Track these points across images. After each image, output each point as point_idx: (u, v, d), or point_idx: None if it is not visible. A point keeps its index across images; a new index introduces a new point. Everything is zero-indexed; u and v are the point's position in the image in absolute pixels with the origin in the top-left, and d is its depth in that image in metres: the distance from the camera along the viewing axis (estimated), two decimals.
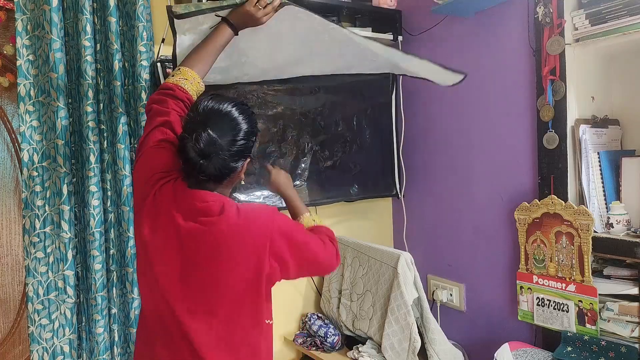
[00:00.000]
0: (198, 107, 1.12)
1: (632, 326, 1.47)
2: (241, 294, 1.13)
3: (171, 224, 1.11)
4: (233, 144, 1.10)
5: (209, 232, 1.10)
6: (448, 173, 2.10)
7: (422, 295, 1.81)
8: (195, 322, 1.12)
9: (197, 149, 1.07)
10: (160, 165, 1.18)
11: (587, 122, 1.64)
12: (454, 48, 2.03)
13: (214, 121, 1.09)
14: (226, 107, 1.12)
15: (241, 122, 1.13)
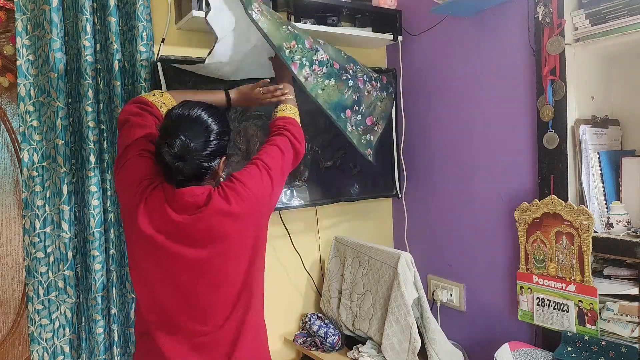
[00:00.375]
0: (170, 114, 1.22)
1: (632, 326, 1.47)
2: (246, 261, 1.27)
3: (168, 220, 1.20)
4: (206, 145, 1.20)
5: (203, 220, 1.20)
6: (448, 173, 2.10)
7: (422, 295, 1.81)
8: (206, 298, 1.25)
9: (171, 153, 1.16)
10: (146, 173, 1.25)
11: (587, 122, 1.64)
12: (454, 48, 2.03)
13: (185, 126, 1.18)
14: (196, 112, 1.22)
15: (211, 124, 1.22)
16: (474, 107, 1.96)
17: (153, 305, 1.26)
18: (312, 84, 1.64)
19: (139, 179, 1.24)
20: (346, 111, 1.80)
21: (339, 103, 1.76)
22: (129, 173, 1.26)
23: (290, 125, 1.46)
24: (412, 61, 2.22)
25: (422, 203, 2.24)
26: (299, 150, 1.44)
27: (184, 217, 1.20)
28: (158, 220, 1.21)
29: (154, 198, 1.21)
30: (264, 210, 1.32)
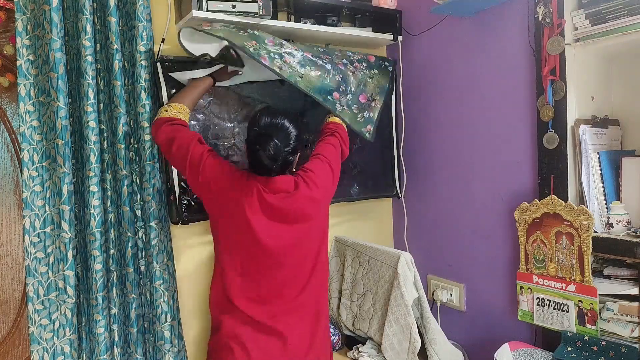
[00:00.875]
0: (260, 122, 1.49)
1: (632, 326, 1.47)
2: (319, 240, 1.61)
3: (265, 203, 1.49)
4: (290, 146, 1.49)
5: (294, 202, 1.53)
6: (448, 173, 2.10)
7: (422, 295, 1.81)
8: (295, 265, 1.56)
9: (268, 155, 1.43)
10: (231, 168, 1.54)
11: (587, 122, 1.64)
12: (454, 48, 2.03)
13: (275, 132, 1.46)
14: (280, 120, 1.50)
15: (292, 129, 1.51)
16: (474, 107, 1.96)
17: (249, 281, 1.52)
18: (287, 72, 1.71)
19: (229, 172, 1.51)
20: (333, 94, 1.84)
21: (322, 88, 1.80)
22: (215, 172, 1.50)
23: (340, 129, 1.79)
24: (412, 61, 2.22)
25: (422, 203, 2.24)
26: (344, 150, 1.78)
27: (278, 200, 1.50)
28: (257, 202, 1.48)
29: (250, 185, 1.49)
30: (329, 196, 1.68)
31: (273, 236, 1.50)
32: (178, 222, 1.73)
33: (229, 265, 1.54)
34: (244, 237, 1.50)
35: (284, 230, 1.52)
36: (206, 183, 1.51)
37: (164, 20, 1.78)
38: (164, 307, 1.68)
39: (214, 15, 1.68)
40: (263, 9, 1.74)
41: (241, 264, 1.53)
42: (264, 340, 1.52)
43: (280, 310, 1.54)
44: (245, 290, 1.53)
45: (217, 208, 1.54)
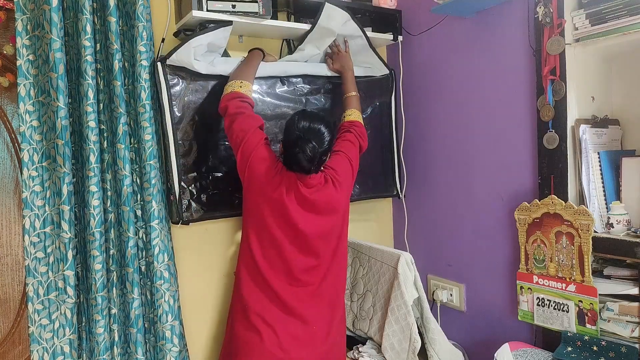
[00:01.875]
0: (298, 125, 1.57)
1: (632, 326, 1.47)
2: (343, 225, 1.76)
3: (300, 194, 1.61)
4: (324, 147, 1.58)
5: (323, 195, 1.65)
6: (448, 173, 2.10)
7: (422, 296, 1.81)
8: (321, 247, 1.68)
9: (307, 157, 1.54)
10: (275, 157, 1.65)
11: (587, 122, 1.64)
12: (454, 48, 2.03)
13: (312, 135, 1.55)
14: (317, 124, 1.58)
15: (326, 133, 1.59)
16: (474, 107, 1.96)
17: (281, 262, 1.62)
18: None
19: (274, 162, 1.62)
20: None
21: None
22: (263, 157, 1.61)
23: (355, 126, 1.86)
24: (412, 61, 2.22)
25: (422, 203, 2.24)
26: (362, 145, 1.85)
27: (310, 193, 1.62)
28: (294, 194, 1.60)
29: (289, 177, 1.60)
30: (350, 190, 1.79)
31: (306, 223, 1.62)
32: (178, 222, 1.73)
33: (262, 243, 1.64)
34: (281, 220, 1.61)
35: (315, 219, 1.64)
36: (250, 171, 1.61)
37: (164, 20, 1.78)
38: (165, 306, 1.68)
39: (214, 15, 1.68)
40: (263, 9, 1.74)
41: (275, 245, 1.63)
42: (291, 323, 1.61)
43: (305, 295, 1.65)
44: (277, 270, 1.63)
45: (256, 193, 1.63)
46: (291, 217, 1.61)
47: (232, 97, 1.65)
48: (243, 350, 1.60)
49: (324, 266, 1.68)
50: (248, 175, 1.63)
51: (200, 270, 1.89)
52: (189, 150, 1.76)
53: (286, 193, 1.60)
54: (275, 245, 1.63)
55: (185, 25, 1.74)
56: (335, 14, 1.91)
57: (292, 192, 1.61)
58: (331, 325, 1.69)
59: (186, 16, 1.68)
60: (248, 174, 1.62)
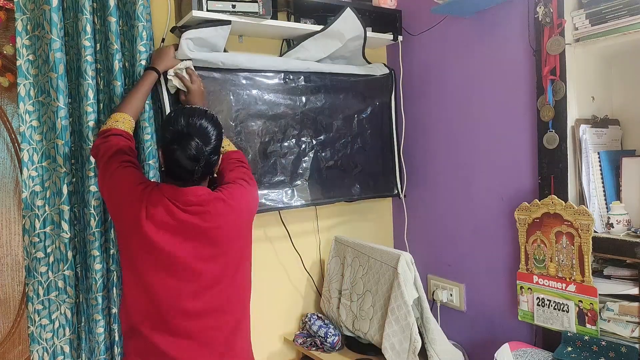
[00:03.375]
0: (176, 124, 1.32)
1: (633, 326, 1.47)
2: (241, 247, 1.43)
3: (173, 218, 1.32)
4: (209, 146, 1.34)
5: (208, 215, 1.34)
6: (448, 173, 2.10)
7: (422, 295, 1.81)
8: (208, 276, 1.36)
9: (188, 155, 1.30)
10: (137, 179, 1.38)
11: (587, 122, 1.64)
12: (454, 48, 2.03)
13: (194, 131, 1.31)
14: (198, 120, 1.34)
15: (212, 128, 1.36)
16: (474, 107, 1.96)
17: (148, 304, 1.33)
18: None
19: (132, 184, 1.36)
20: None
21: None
22: (119, 182, 1.37)
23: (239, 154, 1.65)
24: (412, 61, 2.22)
25: (422, 203, 2.24)
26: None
27: (189, 215, 1.32)
28: (160, 219, 1.31)
29: (154, 199, 1.32)
30: (249, 217, 1.48)
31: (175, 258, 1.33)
32: None
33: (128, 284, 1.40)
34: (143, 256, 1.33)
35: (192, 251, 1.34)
36: (108, 193, 1.40)
37: (164, 20, 1.78)
38: None
39: (214, 15, 1.68)
40: (263, 9, 1.74)
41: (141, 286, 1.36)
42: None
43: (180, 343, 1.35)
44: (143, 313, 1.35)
45: (117, 221, 1.39)
46: (155, 248, 1.31)
47: (97, 138, 1.49)
48: None
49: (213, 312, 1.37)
50: (105, 198, 1.42)
51: None
52: None
53: (152, 219, 1.30)
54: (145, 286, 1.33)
55: (185, 25, 1.74)
56: (352, 23, 1.95)
57: (158, 216, 1.31)
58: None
59: (186, 16, 1.68)
60: (105, 197, 1.42)
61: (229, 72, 1.81)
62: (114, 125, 1.50)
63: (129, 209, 1.33)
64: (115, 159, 1.41)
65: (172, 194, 1.33)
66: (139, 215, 1.31)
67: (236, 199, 1.41)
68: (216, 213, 1.35)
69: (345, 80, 2.08)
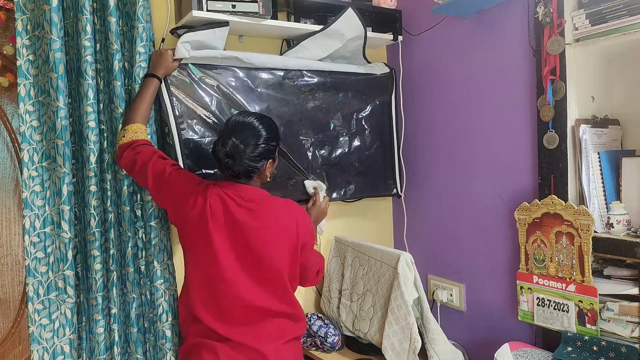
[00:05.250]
0: (228, 121, 1.48)
1: (633, 326, 1.47)
2: (285, 256, 1.48)
3: (227, 212, 1.43)
4: (255, 148, 1.43)
5: (257, 213, 1.44)
6: (448, 173, 2.10)
7: (422, 296, 1.81)
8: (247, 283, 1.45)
9: (223, 151, 1.41)
10: (194, 179, 1.51)
11: (587, 122, 1.64)
12: (454, 48, 2.03)
13: (238, 131, 1.43)
14: (249, 120, 1.47)
15: (261, 130, 1.45)
16: (474, 107, 1.96)
17: (207, 294, 1.46)
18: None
19: (193, 185, 1.48)
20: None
21: None
22: (180, 185, 1.48)
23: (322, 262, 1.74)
24: (412, 61, 2.22)
25: (422, 203, 2.24)
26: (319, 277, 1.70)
27: (242, 210, 1.43)
28: (221, 214, 1.43)
29: (212, 195, 1.44)
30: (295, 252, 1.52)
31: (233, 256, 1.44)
32: None
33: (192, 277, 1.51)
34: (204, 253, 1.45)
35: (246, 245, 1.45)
36: (172, 200, 1.49)
37: (164, 20, 1.78)
38: (165, 306, 1.68)
39: (214, 15, 1.68)
40: (263, 9, 1.74)
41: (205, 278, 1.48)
42: (231, 350, 1.44)
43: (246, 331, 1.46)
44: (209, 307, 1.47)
45: (181, 222, 1.50)
46: (214, 247, 1.43)
47: (121, 152, 1.55)
48: None
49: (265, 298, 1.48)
50: (167, 204, 1.52)
51: None
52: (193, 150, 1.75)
53: (213, 217, 1.43)
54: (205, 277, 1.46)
55: (185, 25, 1.74)
56: (353, 23, 1.95)
57: (218, 213, 1.43)
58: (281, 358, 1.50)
59: (186, 16, 1.68)
60: (166, 203, 1.52)
61: (227, 70, 1.80)
62: (135, 137, 1.55)
63: (193, 209, 1.44)
64: (163, 165, 1.50)
65: (232, 190, 1.45)
66: (204, 212, 1.42)
67: (288, 205, 1.51)
68: (267, 208, 1.46)
69: (345, 79, 2.08)
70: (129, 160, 1.53)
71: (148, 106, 1.62)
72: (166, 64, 1.64)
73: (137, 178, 1.57)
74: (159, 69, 1.64)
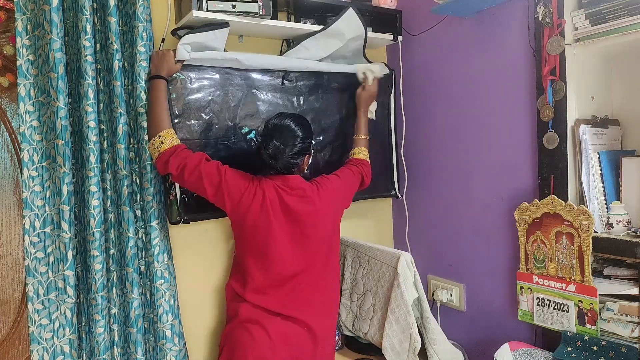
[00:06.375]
0: (267, 124, 1.63)
1: (632, 326, 1.47)
2: (331, 234, 1.72)
3: (282, 201, 1.60)
4: (293, 147, 1.59)
5: (306, 199, 1.63)
6: (448, 173, 2.10)
7: (422, 295, 1.81)
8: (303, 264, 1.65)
9: (267, 153, 1.58)
10: (246, 175, 1.63)
11: (587, 122, 1.64)
12: (454, 48, 2.03)
13: (278, 133, 1.59)
14: (286, 122, 1.62)
15: (297, 131, 1.61)
16: (474, 107, 1.96)
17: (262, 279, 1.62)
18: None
19: (248, 180, 1.61)
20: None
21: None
22: (237, 183, 1.59)
23: (363, 164, 1.92)
24: (412, 61, 2.22)
25: (422, 203, 2.24)
26: (365, 180, 1.90)
27: (292, 198, 1.61)
28: (278, 204, 1.59)
29: (266, 187, 1.59)
30: (339, 207, 1.78)
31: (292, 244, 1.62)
32: (179, 221, 1.73)
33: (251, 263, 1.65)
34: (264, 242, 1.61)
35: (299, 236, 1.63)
36: (231, 196, 1.58)
37: (164, 20, 1.78)
38: (165, 306, 1.68)
39: (214, 15, 1.68)
40: (263, 9, 1.74)
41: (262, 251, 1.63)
42: (282, 323, 1.61)
43: (296, 299, 1.65)
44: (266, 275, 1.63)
45: (242, 214, 1.60)
46: (275, 236, 1.60)
47: (166, 159, 1.56)
48: (236, 350, 1.59)
49: (314, 273, 1.67)
50: (228, 202, 1.60)
51: (200, 270, 1.89)
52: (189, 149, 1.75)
53: (271, 206, 1.59)
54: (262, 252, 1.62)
55: (185, 26, 1.74)
56: (354, 23, 1.95)
57: (275, 203, 1.60)
58: (324, 330, 1.69)
59: (186, 16, 1.68)
60: (228, 202, 1.59)
61: (227, 71, 1.80)
62: (175, 142, 1.59)
63: (254, 201, 1.57)
64: (213, 167, 1.59)
65: (280, 182, 1.62)
66: (265, 203, 1.57)
67: (323, 195, 1.68)
68: (314, 195, 1.64)
69: (345, 80, 2.08)
70: (177, 166, 1.55)
71: (167, 108, 1.63)
72: (169, 65, 1.64)
73: (187, 183, 1.59)
74: (163, 70, 1.63)
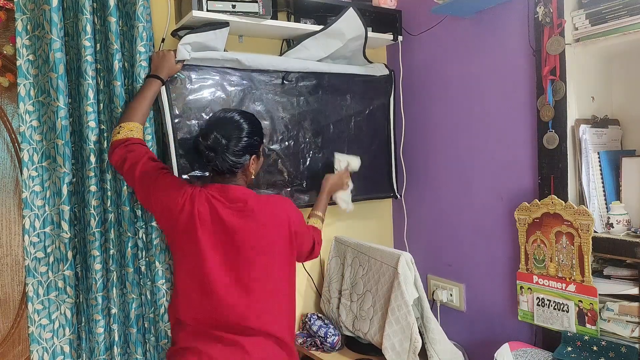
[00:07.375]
0: (210, 117, 1.51)
1: (632, 326, 1.47)
2: (277, 251, 1.46)
3: (215, 215, 1.40)
4: (238, 141, 1.43)
5: (246, 212, 1.41)
6: (448, 173, 2.10)
7: (423, 295, 1.81)
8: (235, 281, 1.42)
9: (204, 145, 1.42)
10: (182, 183, 1.48)
11: (587, 122, 1.64)
12: (454, 48, 2.03)
13: (220, 126, 1.44)
14: (230, 114, 1.48)
15: (243, 124, 1.46)
16: (474, 107, 1.96)
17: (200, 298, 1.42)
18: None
19: (180, 189, 1.44)
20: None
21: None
22: (167, 188, 1.45)
23: (316, 232, 1.73)
24: (412, 61, 2.22)
25: (422, 203, 2.24)
26: (315, 249, 1.69)
27: (229, 211, 1.41)
28: (209, 217, 1.40)
29: (199, 198, 1.41)
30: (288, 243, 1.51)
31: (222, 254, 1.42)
32: None
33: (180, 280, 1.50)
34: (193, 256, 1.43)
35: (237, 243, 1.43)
36: (157, 199, 1.45)
37: (164, 20, 1.78)
38: (166, 306, 1.68)
39: (214, 15, 1.68)
40: (263, 9, 1.74)
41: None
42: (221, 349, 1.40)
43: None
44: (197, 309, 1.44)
45: (169, 227, 1.46)
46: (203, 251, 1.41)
47: (114, 148, 1.52)
48: None
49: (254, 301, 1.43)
50: (155, 207, 1.47)
51: None
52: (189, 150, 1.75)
53: (199, 219, 1.40)
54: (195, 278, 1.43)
55: (185, 26, 1.74)
56: (354, 23, 1.95)
57: (206, 215, 1.41)
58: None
59: (186, 16, 1.68)
60: (154, 206, 1.47)
61: (228, 71, 1.80)
62: (130, 135, 1.53)
63: (181, 213, 1.41)
64: (152, 167, 1.48)
65: (217, 192, 1.43)
66: (193, 217, 1.39)
67: (275, 200, 1.50)
68: (256, 213, 1.42)
69: (345, 80, 2.08)
70: (119, 158, 1.50)
71: (148, 106, 1.60)
72: (169, 66, 1.63)
73: (125, 177, 1.54)
74: (162, 70, 1.63)
